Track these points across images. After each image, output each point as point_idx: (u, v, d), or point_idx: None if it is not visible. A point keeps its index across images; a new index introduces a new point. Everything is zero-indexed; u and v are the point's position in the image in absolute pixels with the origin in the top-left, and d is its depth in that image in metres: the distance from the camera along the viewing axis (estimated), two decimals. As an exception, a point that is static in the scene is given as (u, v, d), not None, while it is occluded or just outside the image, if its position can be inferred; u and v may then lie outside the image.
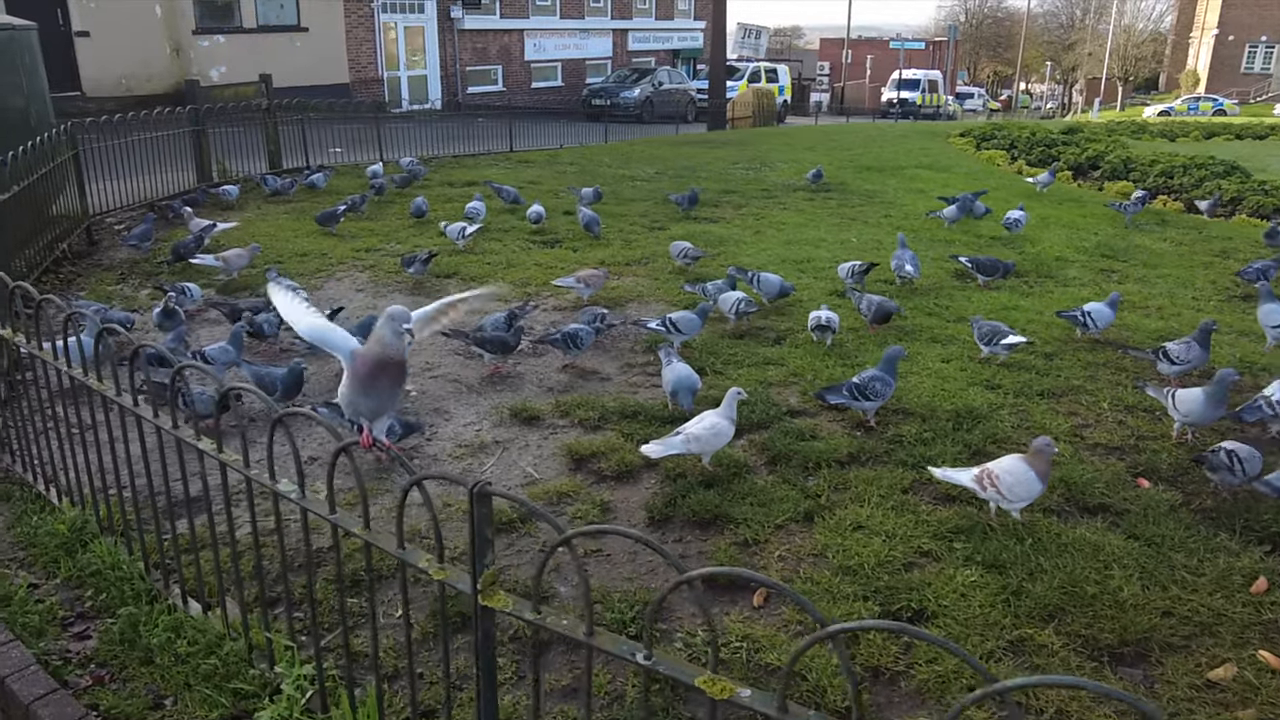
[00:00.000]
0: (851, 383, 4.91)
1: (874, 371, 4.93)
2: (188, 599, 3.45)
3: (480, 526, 2.21)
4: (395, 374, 2.60)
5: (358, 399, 2.59)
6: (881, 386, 4.87)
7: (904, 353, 5.15)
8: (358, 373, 2.57)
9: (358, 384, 2.56)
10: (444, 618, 2.44)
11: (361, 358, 2.58)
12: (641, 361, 6.08)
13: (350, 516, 2.60)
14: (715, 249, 9.12)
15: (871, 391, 4.86)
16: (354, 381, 2.57)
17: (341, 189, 12.00)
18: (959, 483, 4.04)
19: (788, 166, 15.34)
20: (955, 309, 7.22)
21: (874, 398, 4.88)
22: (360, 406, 2.61)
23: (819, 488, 4.38)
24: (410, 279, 7.80)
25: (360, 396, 2.58)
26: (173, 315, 5.91)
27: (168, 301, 5.99)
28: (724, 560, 3.76)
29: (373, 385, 2.57)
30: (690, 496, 4.22)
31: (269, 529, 3.81)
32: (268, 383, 4.98)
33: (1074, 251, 9.46)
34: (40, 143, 7.67)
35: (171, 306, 5.95)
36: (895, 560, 3.81)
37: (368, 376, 2.56)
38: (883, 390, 4.88)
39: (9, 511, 4.22)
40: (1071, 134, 19.40)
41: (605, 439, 4.89)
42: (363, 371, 2.56)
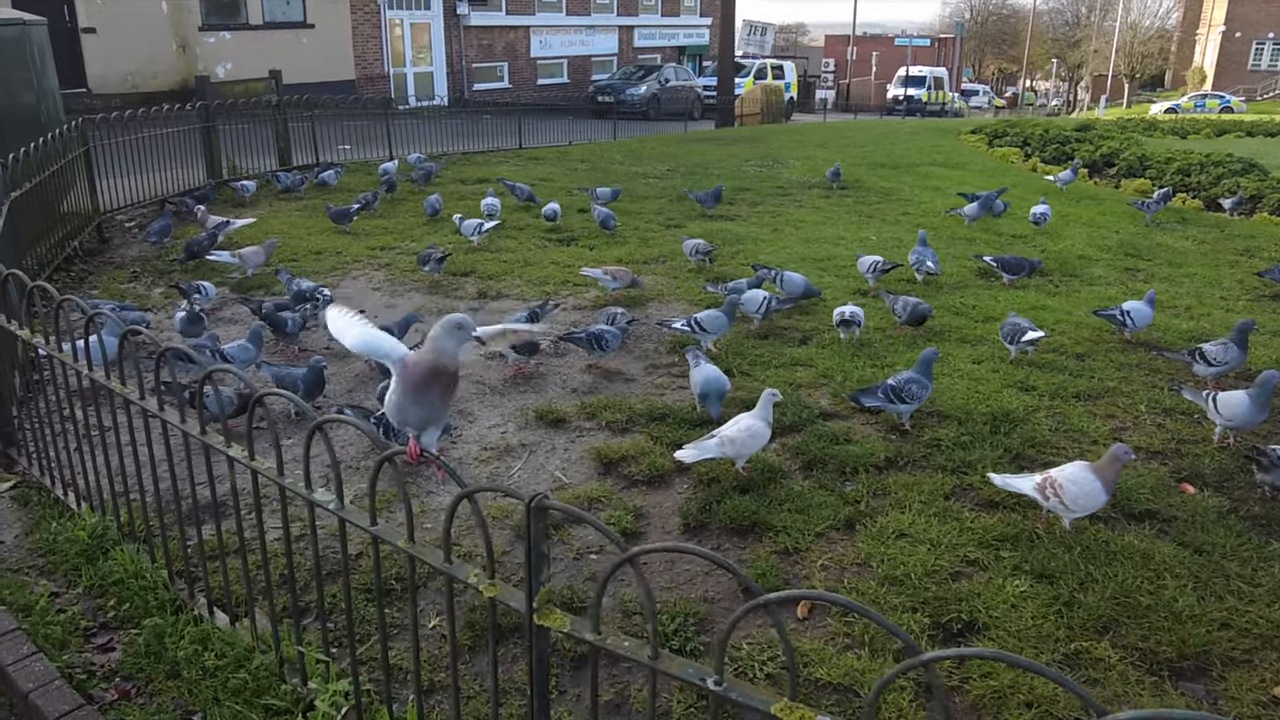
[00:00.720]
0: (887, 385, 4.79)
1: (910, 374, 4.81)
2: (214, 609, 3.34)
3: (536, 541, 2.09)
4: (448, 384, 2.48)
5: (407, 408, 2.47)
6: (918, 389, 4.75)
7: (939, 354, 5.03)
8: (408, 381, 2.44)
9: (408, 392, 2.44)
10: (494, 636, 2.32)
11: (413, 365, 2.45)
12: (666, 362, 5.96)
13: (392, 528, 2.48)
14: (733, 247, 9.00)
15: (908, 394, 4.74)
16: (404, 389, 2.44)
17: (353, 186, 11.89)
18: (1020, 490, 3.93)
19: (801, 164, 15.20)
20: (982, 309, 7.09)
21: (910, 400, 4.76)
22: (409, 416, 2.49)
23: (858, 493, 4.26)
24: (427, 278, 7.68)
25: (411, 405, 2.46)
26: (198, 320, 5.75)
27: (191, 305, 5.81)
28: (765, 570, 3.64)
29: (424, 394, 2.45)
30: (726, 503, 4.11)
31: (296, 534, 3.72)
32: (288, 383, 4.87)
33: (1096, 250, 9.33)
34: (51, 139, 7.56)
35: (196, 311, 5.78)
36: (942, 570, 3.69)
37: (420, 385, 2.43)
38: (919, 393, 4.76)
39: (27, 517, 4.11)
40: (1084, 131, 19.25)
41: (634, 442, 4.78)
42: (414, 379, 2.43)
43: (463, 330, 2.46)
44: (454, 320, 2.46)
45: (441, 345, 2.44)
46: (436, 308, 6.97)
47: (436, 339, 2.45)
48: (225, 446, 2.91)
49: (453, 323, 2.46)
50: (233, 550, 3.74)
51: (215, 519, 3.25)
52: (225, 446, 2.91)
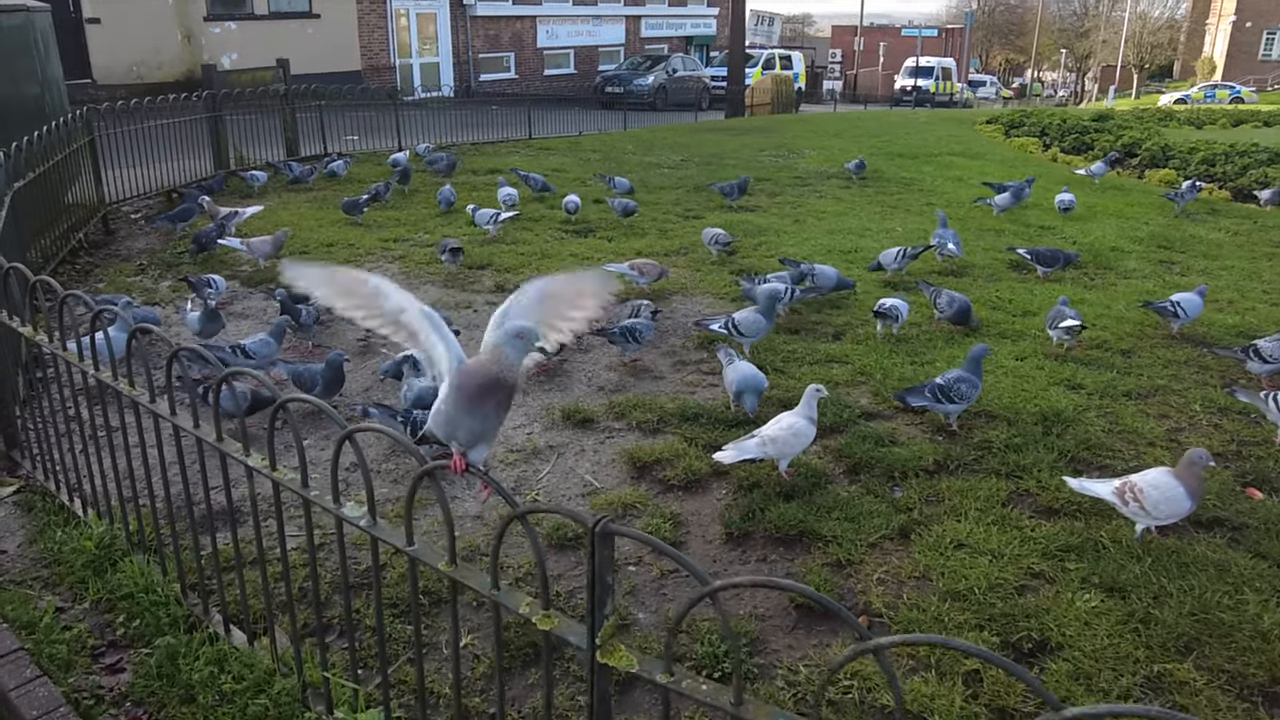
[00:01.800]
0: (935, 384, 4.55)
1: (959, 372, 4.57)
2: (230, 626, 3.12)
3: (601, 571, 1.86)
4: (505, 397, 2.22)
5: (459, 418, 2.23)
6: (968, 389, 4.50)
7: (989, 351, 4.78)
8: (463, 389, 2.19)
9: (462, 402, 2.19)
10: (549, 670, 2.09)
11: (469, 373, 2.19)
12: (695, 359, 5.72)
13: (431, 548, 2.25)
14: (754, 239, 8.75)
15: (957, 394, 4.49)
16: (457, 399, 2.20)
17: (363, 177, 11.65)
18: (1098, 494, 3.69)
19: (817, 154, 14.93)
20: (1019, 302, 6.84)
21: (959, 400, 4.51)
22: (459, 428, 2.25)
23: (909, 500, 4.02)
24: (443, 270, 7.44)
25: (463, 416, 2.22)
26: (215, 318, 5.46)
27: (207, 302, 5.52)
28: (819, 584, 3.41)
29: (479, 405, 2.20)
30: (770, 510, 3.87)
31: (317, 542, 3.49)
32: (306, 379, 4.64)
33: (1128, 242, 9.06)
34: (55, 128, 7.33)
35: (212, 308, 5.50)
36: (1006, 583, 3.45)
37: (475, 395, 2.19)
38: (969, 393, 4.51)
39: (31, 524, 3.89)
40: (1102, 121, 18.93)
41: (667, 443, 4.54)
42: (470, 388, 2.19)
43: (524, 340, 2.20)
44: (520, 329, 2.21)
45: (506, 355, 2.18)
46: (454, 301, 6.74)
47: (501, 347, 2.20)
48: (244, 455, 2.68)
49: (519, 331, 2.21)
50: (249, 561, 3.52)
51: (231, 527, 3.01)
52: (244, 455, 2.68)
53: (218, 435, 2.78)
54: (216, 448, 2.77)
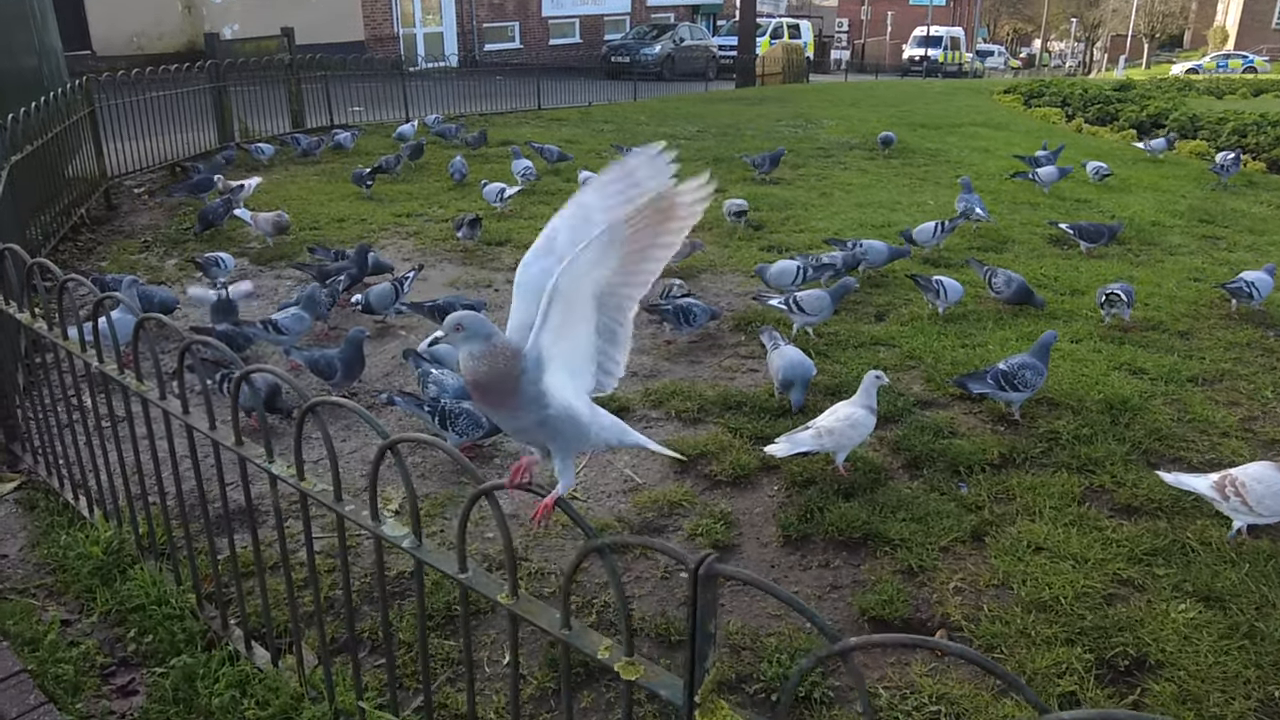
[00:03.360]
0: (998, 369, 4.25)
1: (1023, 358, 4.27)
2: (251, 643, 2.84)
3: (703, 618, 1.57)
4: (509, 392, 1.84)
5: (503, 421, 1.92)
6: (1033, 376, 4.21)
7: (1057, 337, 4.48)
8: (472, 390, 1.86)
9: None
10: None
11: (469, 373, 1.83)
12: (732, 342, 5.41)
13: (490, 578, 1.96)
14: (781, 213, 8.42)
15: (1021, 381, 4.19)
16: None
17: (370, 149, 11.30)
18: (1194, 489, 3.40)
19: (835, 124, 14.53)
20: (1065, 280, 6.52)
21: (1023, 388, 4.22)
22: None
23: (977, 498, 3.73)
24: (459, 247, 7.12)
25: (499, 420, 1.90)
26: (230, 310, 5.07)
27: (225, 294, 5.15)
28: (891, 595, 3.12)
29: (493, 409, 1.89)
30: (831, 510, 3.58)
31: (315, 548, 3.21)
32: (323, 365, 4.35)
33: (1168, 216, 8.72)
34: (54, 98, 7.00)
35: (227, 299, 5.12)
36: (1093, 592, 3.17)
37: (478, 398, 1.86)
38: (1034, 380, 4.22)
39: (33, 525, 3.61)
40: (1124, 91, 18.48)
41: (710, 435, 4.25)
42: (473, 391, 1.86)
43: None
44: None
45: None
46: (473, 279, 6.43)
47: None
48: (268, 462, 2.39)
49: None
50: (270, 565, 3.25)
51: (252, 533, 2.72)
52: (268, 462, 2.39)
53: (237, 439, 2.48)
54: (236, 452, 2.48)
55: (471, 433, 3.87)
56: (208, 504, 2.87)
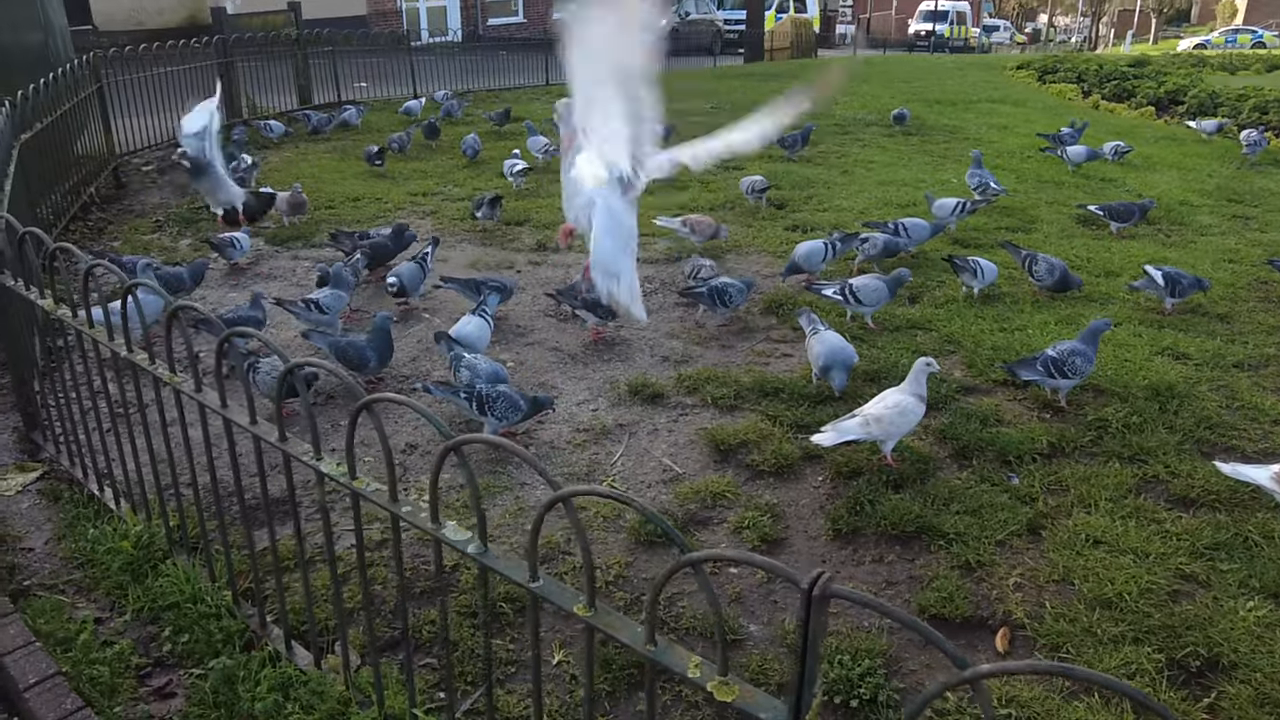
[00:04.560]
0: (1047, 356, 4.13)
1: (1072, 344, 4.15)
2: (292, 643, 2.74)
3: (814, 640, 1.46)
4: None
5: None
6: (1082, 363, 4.09)
7: (1109, 325, 4.36)
8: None
9: None
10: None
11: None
12: (764, 325, 5.29)
13: (564, 589, 1.85)
14: (804, 191, 8.26)
15: (1071, 368, 4.08)
16: None
17: (379, 126, 11.12)
18: (1253, 480, 3.29)
19: (850, 100, 14.30)
20: (1098, 262, 6.38)
21: (1072, 375, 4.10)
22: None
23: (1030, 489, 3.62)
24: (478, 227, 6.98)
25: None
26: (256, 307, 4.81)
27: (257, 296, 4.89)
28: (951, 592, 3.02)
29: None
30: (881, 502, 3.47)
31: (373, 542, 3.10)
32: (354, 354, 4.23)
33: (1196, 195, 8.56)
34: (62, 75, 6.84)
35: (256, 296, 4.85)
36: (1158, 588, 3.07)
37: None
38: (1083, 367, 4.10)
39: (58, 517, 3.50)
40: (1140, 67, 18.23)
41: (748, 422, 4.14)
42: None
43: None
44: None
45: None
46: (494, 261, 6.29)
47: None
48: (315, 459, 2.28)
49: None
50: (308, 559, 3.14)
51: (296, 529, 2.59)
52: (315, 459, 2.28)
53: (281, 435, 2.37)
54: (281, 449, 2.36)
55: (510, 416, 3.77)
56: (243, 496, 2.77)
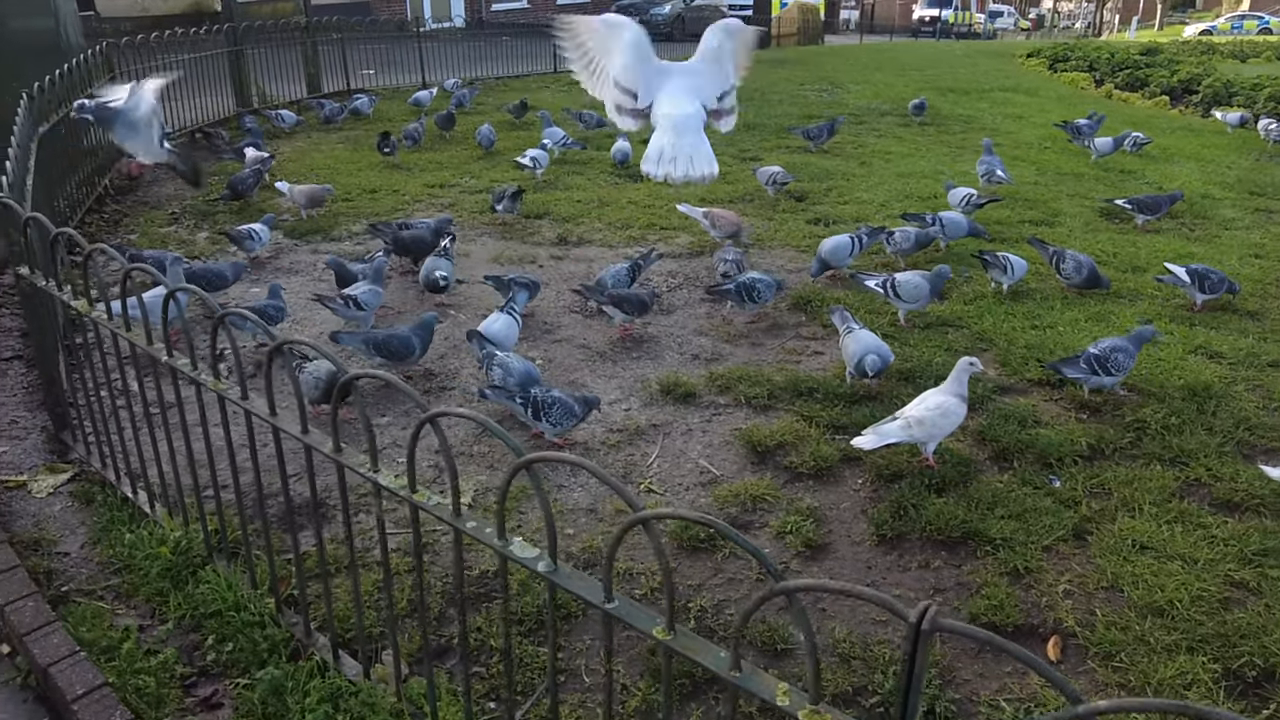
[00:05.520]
0: (1090, 354, 4.10)
1: (1114, 341, 4.12)
2: (339, 653, 2.71)
3: (919, 675, 1.42)
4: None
5: None
6: (1125, 359, 4.07)
7: (1156, 333, 4.34)
8: None
9: None
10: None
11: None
12: (793, 322, 5.24)
13: (640, 611, 1.81)
14: (822, 183, 8.20)
15: (1114, 364, 4.06)
16: None
17: (390, 115, 11.04)
18: None
19: (861, 89, 14.22)
20: (1124, 257, 6.33)
21: (1116, 372, 4.08)
22: None
23: (1072, 492, 3.58)
24: (497, 219, 6.92)
25: None
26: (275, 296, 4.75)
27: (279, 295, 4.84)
28: (1001, 600, 2.99)
29: None
30: (926, 507, 3.43)
31: (389, 546, 3.06)
32: (397, 345, 4.22)
33: (1217, 188, 8.50)
34: (76, 65, 6.76)
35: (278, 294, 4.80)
36: (1209, 595, 3.03)
37: None
38: (1125, 363, 4.08)
39: (92, 520, 3.47)
40: (1152, 55, 18.11)
41: (784, 423, 4.10)
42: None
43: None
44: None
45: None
46: (516, 255, 6.24)
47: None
48: (371, 470, 2.23)
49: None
50: (345, 565, 3.11)
51: (349, 540, 2.54)
52: (371, 470, 2.23)
53: (335, 445, 2.33)
54: (336, 460, 2.32)
55: (565, 422, 3.74)
56: (292, 503, 2.73)
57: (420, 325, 4.29)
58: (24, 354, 4.84)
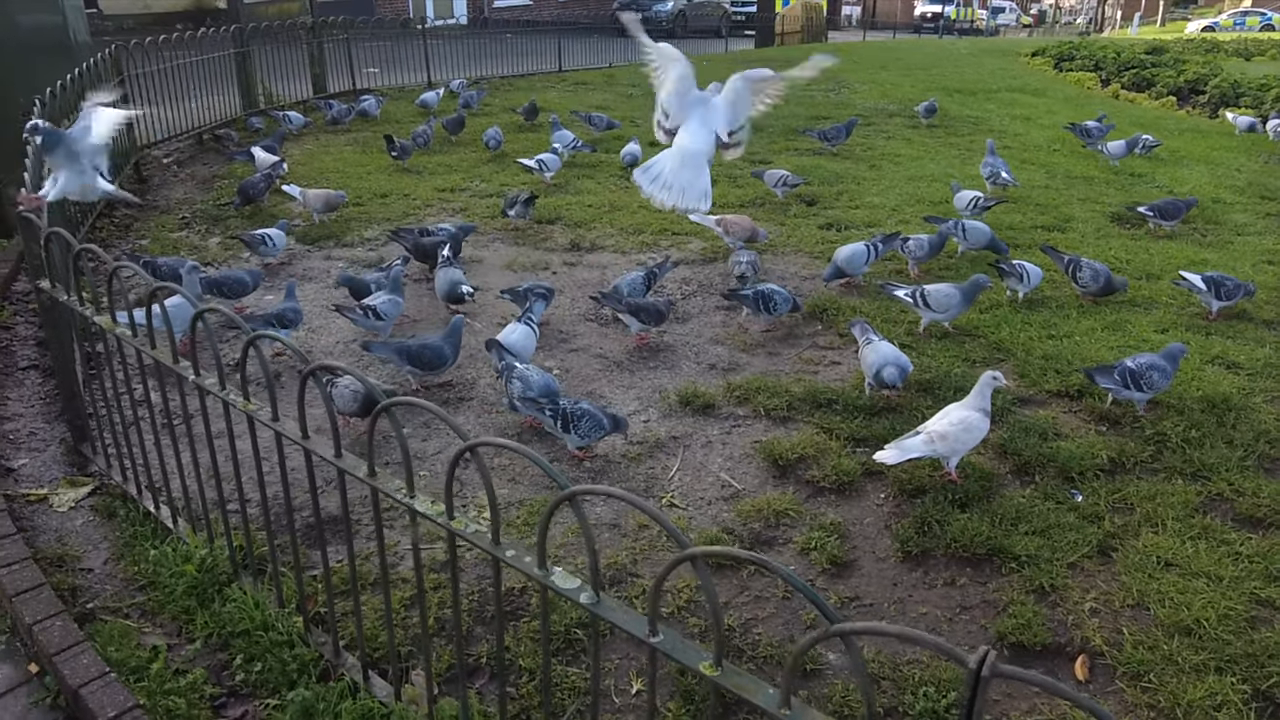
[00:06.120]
0: (1126, 366, 4.12)
1: (1153, 359, 4.13)
2: (369, 673, 2.70)
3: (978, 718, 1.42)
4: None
5: None
6: (1159, 378, 4.08)
7: (1185, 351, 4.34)
8: None
9: None
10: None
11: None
12: (809, 331, 5.24)
13: (686, 645, 1.80)
14: (833, 187, 8.19)
15: (1147, 382, 4.08)
16: None
17: (397, 116, 11.02)
18: None
19: (867, 89, 14.20)
20: (1137, 264, 6.32)
21: (1148, 389, 4.09)
22: None
23: (1094, 507, 3.58)
24: (508, 224, 6.91)
25: None
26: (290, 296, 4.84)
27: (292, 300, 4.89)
28: (1028, 619, 2.99)
29: None
30: (950, 523, 3.43)
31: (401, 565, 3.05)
32: (430, 355, 4.26)
33: (1229, 192, 8.49)
34: (87, 70, 6.75)
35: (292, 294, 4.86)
36: (1235, 614, 3.03)
37: None
38: (1159, 383, 4.10)
39: (114, 535, 3.47)
40: (1157, 54, 18.07)
41: (804, 435, 4.09)
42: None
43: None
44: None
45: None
46: (529, 261, 6.23)
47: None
48: (408, 496, 2.23)
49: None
50: (371, 582, 3.11)
51: (381, 562, 2.56)
52: (408, 496, 2.23)
53: (370, 470, 2.32)
54: (370, 484, 2.32)
55: (594, 434, 3.76)
56: (322, 521, 2.72)
57: (450, 332, 4.33)
58: (39, 363, 4.84)
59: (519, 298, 4.97)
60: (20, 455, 4.00)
